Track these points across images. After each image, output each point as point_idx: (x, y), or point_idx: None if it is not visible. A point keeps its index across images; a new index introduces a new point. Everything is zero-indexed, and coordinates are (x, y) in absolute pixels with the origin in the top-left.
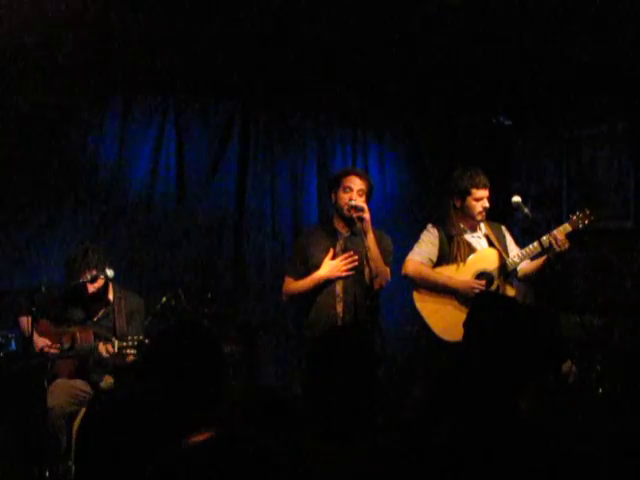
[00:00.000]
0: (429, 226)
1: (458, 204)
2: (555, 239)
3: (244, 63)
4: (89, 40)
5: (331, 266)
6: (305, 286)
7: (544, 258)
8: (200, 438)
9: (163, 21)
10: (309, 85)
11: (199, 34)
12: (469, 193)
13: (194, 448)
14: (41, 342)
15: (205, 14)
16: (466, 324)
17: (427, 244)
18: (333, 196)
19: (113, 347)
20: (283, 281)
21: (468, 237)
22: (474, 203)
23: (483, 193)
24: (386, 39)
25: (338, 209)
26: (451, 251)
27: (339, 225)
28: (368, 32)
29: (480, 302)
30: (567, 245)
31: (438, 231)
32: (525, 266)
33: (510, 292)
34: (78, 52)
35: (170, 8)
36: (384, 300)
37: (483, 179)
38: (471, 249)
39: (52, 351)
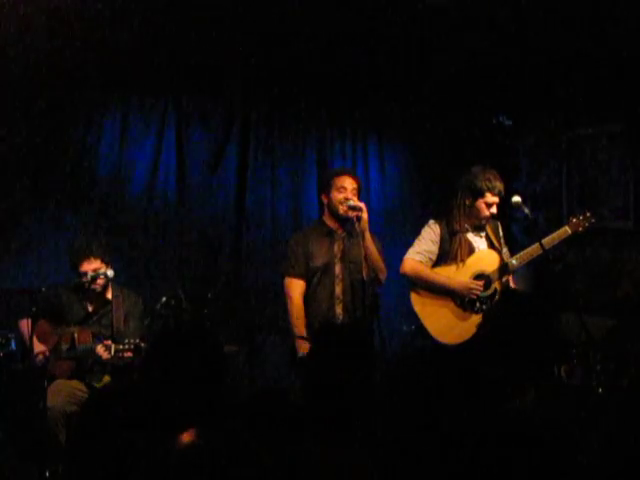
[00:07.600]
0: (431, 222)
1: (467, 202)
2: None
3: (244, 63)
4: (89, 40)
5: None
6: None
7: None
8: (187, 438)
9: (163, 21)
10: (309, 85)
11: (199, 34)
12: (482, 195)
13: (185, 447)
14: (40, 348)
15: (205, 14)
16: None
17: (427, 242)
18: (324, 197)
19: (110, 350)
20: (284, 283)
21: (470, 236)
22: (484, 206)
23: (495, 199)
24: (385, 39)
25: (332, 209)
26: (452, 249)
27: (333, 225)
28: (367, 33)
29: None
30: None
31: (440, 228)
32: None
33: None
34: (78, 52)
35: (170, 8)
36: (381, 299)
37: (499, 185)
38: (471, 249)
39: (49, 355)
